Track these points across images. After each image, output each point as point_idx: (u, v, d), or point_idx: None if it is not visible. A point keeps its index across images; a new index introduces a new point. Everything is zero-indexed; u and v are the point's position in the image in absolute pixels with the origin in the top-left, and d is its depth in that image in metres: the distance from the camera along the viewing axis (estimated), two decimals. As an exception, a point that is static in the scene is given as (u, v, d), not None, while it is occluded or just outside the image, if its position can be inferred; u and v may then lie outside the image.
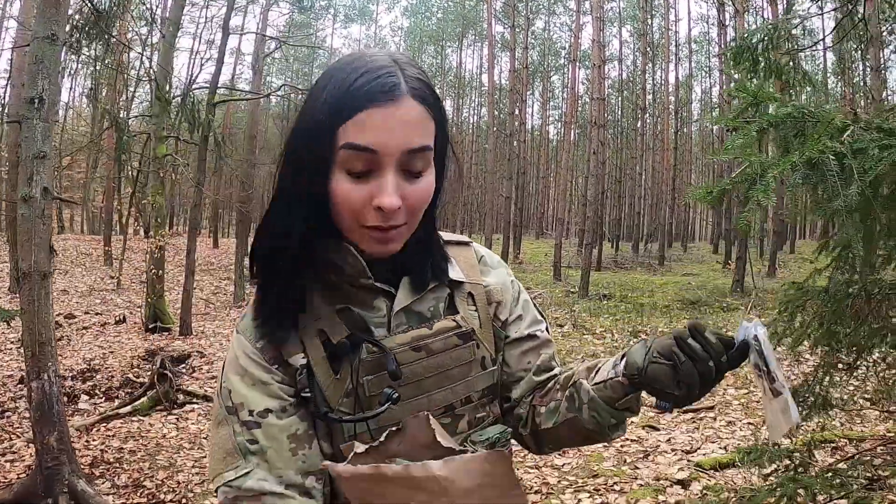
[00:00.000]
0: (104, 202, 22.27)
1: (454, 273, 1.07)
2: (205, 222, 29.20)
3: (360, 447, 0.91)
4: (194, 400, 6.83)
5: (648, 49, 32.13)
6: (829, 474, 2.23)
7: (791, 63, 2.68)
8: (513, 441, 1.11)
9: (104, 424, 6.10)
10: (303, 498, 0.94)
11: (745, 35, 2.67)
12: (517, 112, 27.20)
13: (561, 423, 1.05)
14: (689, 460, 4.79)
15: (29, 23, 11.67)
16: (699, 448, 5.05)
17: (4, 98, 14.58)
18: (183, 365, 8.41)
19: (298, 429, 0.95)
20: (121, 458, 5.26)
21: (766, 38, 2.74)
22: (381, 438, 0.92)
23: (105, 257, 19.44)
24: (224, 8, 14.25)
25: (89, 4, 5.34)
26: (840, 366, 2.63)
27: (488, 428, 1.06)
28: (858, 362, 2.61)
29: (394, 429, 0.92)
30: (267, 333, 0.96)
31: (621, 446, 5.13)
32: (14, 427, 6.06)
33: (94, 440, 5.68)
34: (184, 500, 4.50)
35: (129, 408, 6.48)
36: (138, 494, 4.61)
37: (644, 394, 0.98)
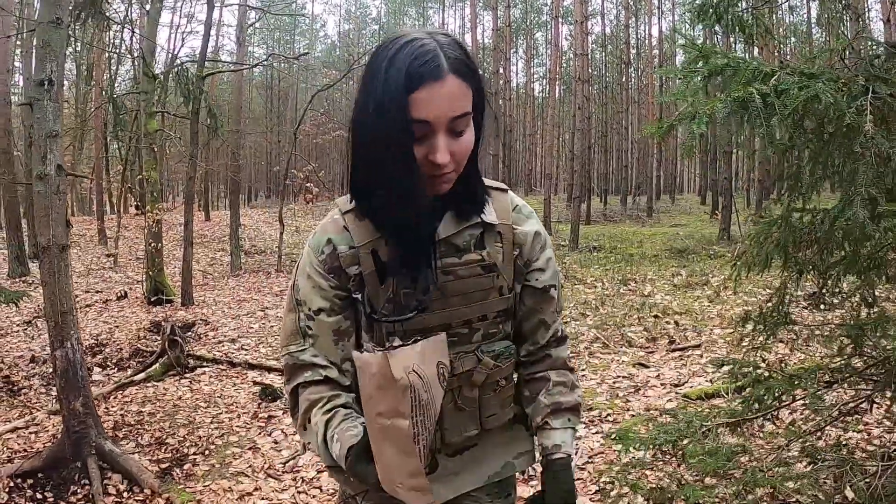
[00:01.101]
0: (92, 181, 22.28)
1: (489, 216, 1.32)
2: (195, 196, 29.21)
3: (396, 341, 1.16)
4: (204, 364, 7.10)
5: (631, 3, 32.03)
6: (790, 380, 2.52)
7: (752, 18, 2.90)
8: None
9: (120, 392, 6.35)
10: (338, 374, 1.28)
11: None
12: (501, 70, 27.21)
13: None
14: (676, 392, 5.10)
15: (9, 7, 11.69)
16: (686, 382, 5.36)
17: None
18: (189, 332, 8.68)
19: (342, 325, 1.29)
20: (141, 420, 5.53)
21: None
22: (409, 342, 1.17)
23: (99, 236, 19.55)
24: (203, -20, 14.20)
25: (83, -15, 5.47)
26: (804, 293, 2.91)
27: (497, 342, 1.35)
28: (825, 290, 2.89)
29: (418, 338, 1.16)
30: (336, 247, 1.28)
31: (613, 383, 5.45)
32: (32, 403, 6.30)
33: (112, 407, 5.94)
34: (206, 452, 4.79)
35: (142, 375, 6.73)
36: (162, 451, 4.89)
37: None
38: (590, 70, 23.15)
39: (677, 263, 12.68)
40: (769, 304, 2.68)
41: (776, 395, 2.52)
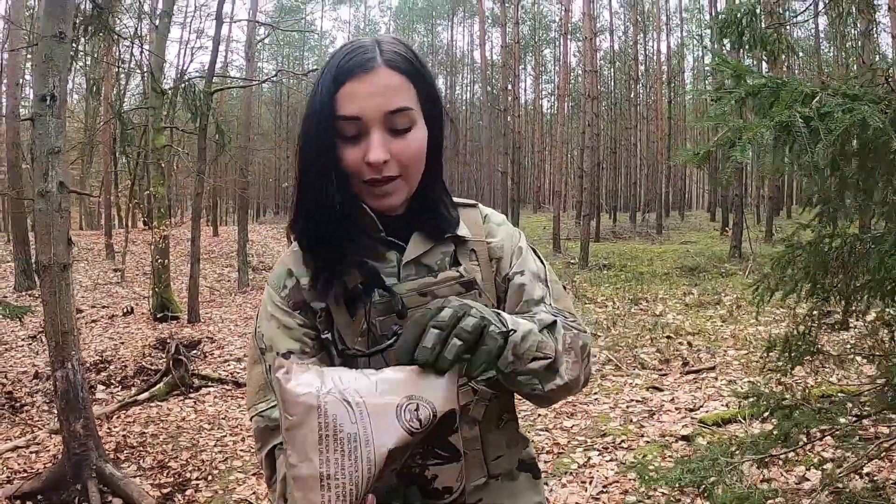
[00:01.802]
0: (101, 196, 22.30)
1: (460, 230, 1.18)
2: (203, 211, 29.28)
3: None
4: (210, 383, 7.00)
5: (639, 19, 32.05)
6: (819, 413, 2.39)
7: (776, 35, 2.81)
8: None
9: (123, 412, 6.25)
10: None
11: (731, 9, 2.79)
12: (510, 87, 27.22)
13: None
14: (692, 417, 4.96)
15: (19, 21, 11.72)
16: (702, 406, 5.22)
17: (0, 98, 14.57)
18: (195, 351, 8.58)
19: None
20: (143, 441, 5.42)
21: (749, 13, 2.87)
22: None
23: (107, 251, 19.54)
24: (213, -4, 14.24)
25: (90, 1, 5.42)
26: (830, 320, 2.79)
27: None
28: (849, 314, 2.76)
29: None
30: (316, 270, 1.12)
31: (627, 407, 5.31)
32: (34, 420, 6.20)
33: (115, 427, 5.84)
34: (209, 477, 4.67)
35: (146, 394, 6.64)
36: (165, 475, 4.77)
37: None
38: (599, 87, 23.13)
39: (688, 282, 12.53)
40: (795, 332, 2.55)
41: (805, 429, 2.39)
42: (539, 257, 1.27)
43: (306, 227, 1.12)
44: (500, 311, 0.98)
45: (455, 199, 1.23)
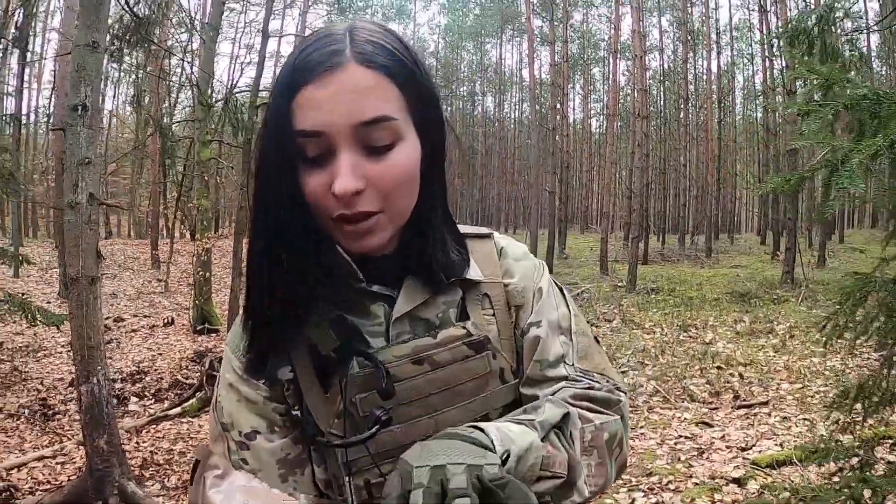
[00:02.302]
0: (150, 207, 22.68)
1: (470, 272, 0.92)
2: (248, 224, 29.66)
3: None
4: (242, 401, 6.88)
5: (689, 38, 31.53)
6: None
7: (849, 45, 2.54)
8: None
9: (154, 426, 6.17)
10: None
11: (801, 17, 2.54)
12: (559, 106, 26.96)
13: None
14: (744, 458, 4.64)
15: (70, 33, 11.94)
16: (754, 445, 4.90)
17: (50, 107, 14.90)
18: (230, 366, 8.49)
19: (290, 453, 0.87)
20: (170, 459, 5.30)
21: (821, 20, 2.61)
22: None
23: (152, 261, 19.80)
24: (263, 12, 14.38)
25: (129, 12, 5.38)
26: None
27: None
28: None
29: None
30: (253, 343, 0.86)
31: (675, 444, 5.00)
32: (64, 429, 6.16)
33: (143, 441, 5.75)
34: (232, 502, 4.51)
35: (178, 409, 6.55)
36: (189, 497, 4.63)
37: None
38: (648, 106, 22.75)
39: (739, 308, 12.05)
40: (870, 382, 2.27)
41: (882, 495, 2.10)
42: (565, 299, 1.00)
43: (259, 269, 0.84)
44: (478, 426, 0.75)
45: (463, 229, 0.97)
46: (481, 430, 0.73)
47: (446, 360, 0.87)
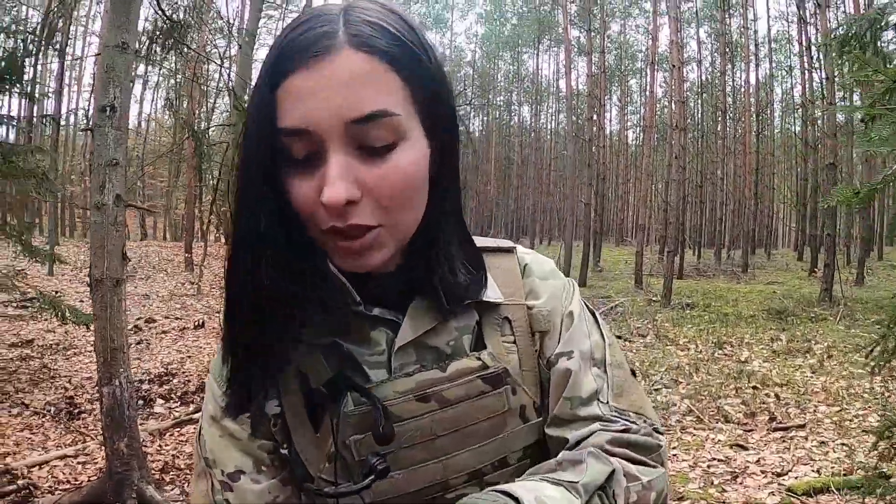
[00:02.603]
0: (186, 210, 22.94)
1: (488, 292, 0.80)
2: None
3: None
4: (266, 407, 6.84)
5: (727, 49, 31.10)
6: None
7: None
8: None
9: (178, 429, 6.15)
10: None
11: (852, 21, 2.41)
12: (595, 117, 26.72)
13: None
14: (780, 484, 4.46)
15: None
16: (790, 470, 4.71)
17: (89, 110, 15.15)
18: (256, 371, 8.47)
19: (279, 495, 0.76)
20: (192, 464, 5.25)
21: (874, 25, 2.47)
22: None
23: (186, 263, 19.99)
24: (300, 17, 14.49)
25: (163, 15, 5.39)
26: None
27: None
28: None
29: None
30: (234, 375, 0.75)
31: (708, 467, 4.82)
32: (88, 429, 6.17)
33: (166, 445, 5.72)
34: (251, 511, 4.44)
35: (202, 413, 6.52)
36: (207, 502, 4.58)
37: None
38: (686, 118, 22.42)
39: (776, 326, 11.75)
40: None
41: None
42: (598, 325, 0.86)
43: (236, 318, 0.73)
44: (511, 494, 0.62)
45: (481, 242, 0.84)
46: (516, 499, 0.61)
47: (457, 398, 0.75)
